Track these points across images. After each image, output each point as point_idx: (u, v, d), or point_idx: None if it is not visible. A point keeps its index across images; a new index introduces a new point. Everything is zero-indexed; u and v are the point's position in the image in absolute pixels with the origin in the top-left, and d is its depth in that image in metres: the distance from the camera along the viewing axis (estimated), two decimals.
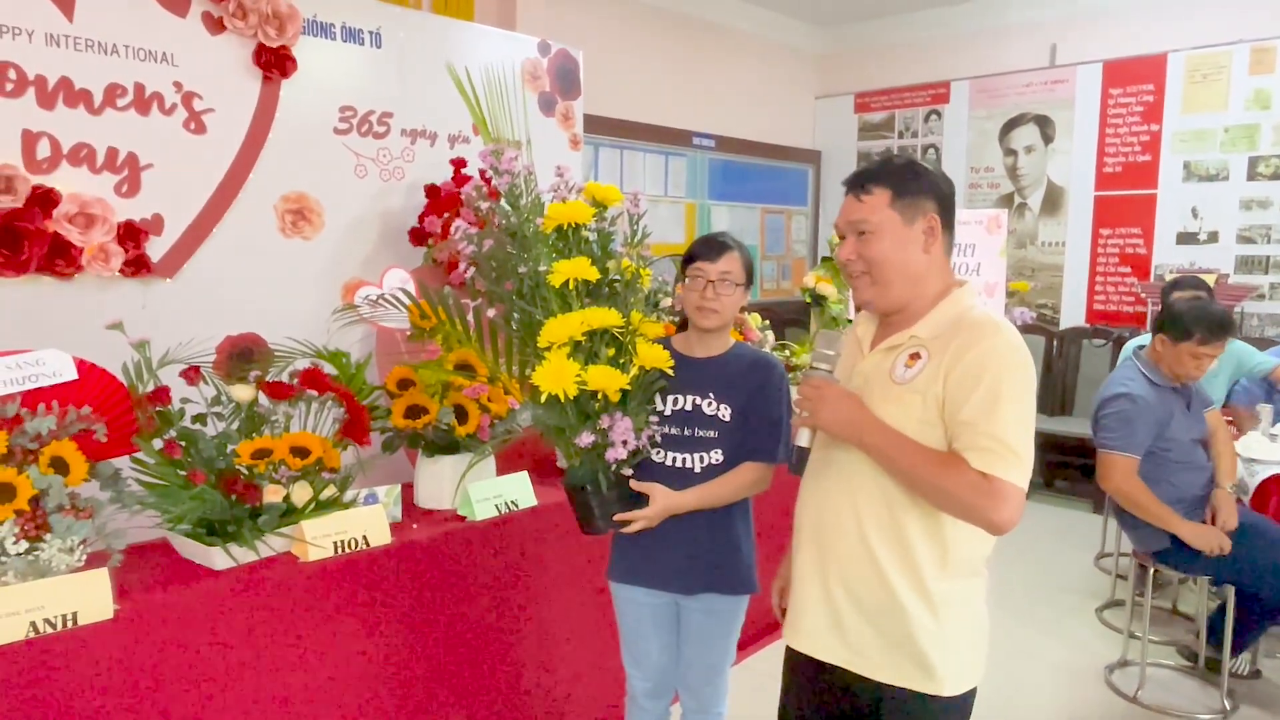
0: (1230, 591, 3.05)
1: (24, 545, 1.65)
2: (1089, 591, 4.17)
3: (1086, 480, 5.71)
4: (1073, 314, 6.18)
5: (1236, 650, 3.16)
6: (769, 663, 3.24)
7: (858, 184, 1.58)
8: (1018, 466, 1.44)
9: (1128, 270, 5.95)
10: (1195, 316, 2.96)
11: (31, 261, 2.22)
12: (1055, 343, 6.07)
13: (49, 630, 1.63)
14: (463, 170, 3.09)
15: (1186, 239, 5.71)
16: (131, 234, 2.43)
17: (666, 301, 2.97)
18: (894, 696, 1.55)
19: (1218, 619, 3.17)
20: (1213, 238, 5.61)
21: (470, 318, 2.37)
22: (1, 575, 1.64)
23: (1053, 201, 6.26)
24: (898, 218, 1.54)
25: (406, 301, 2.37)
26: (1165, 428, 3.00)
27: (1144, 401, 2.97)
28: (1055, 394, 6.02)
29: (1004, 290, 4.35)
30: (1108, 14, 5.99)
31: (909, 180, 1.55)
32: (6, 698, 1.55)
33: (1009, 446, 1.43)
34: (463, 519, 2.37)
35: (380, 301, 2.43)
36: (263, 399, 2.10)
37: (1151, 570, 3.17)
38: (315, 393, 2.14)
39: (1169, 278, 4.94)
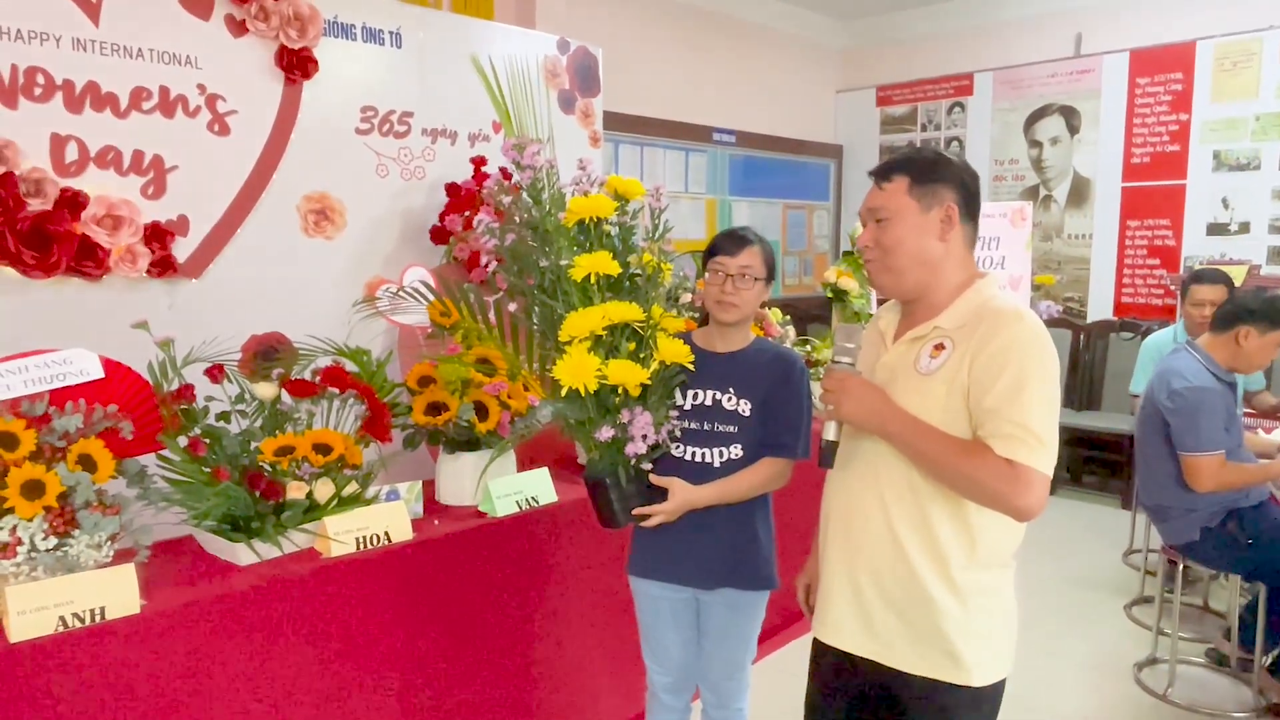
0: (1261, 587, 2.99)
1: (53, 541, 1.68)
2: (1118, 588, 4.12)
3: (1115, 475, 5.64)
4: (1100, 307, 6.10)
5: (1269, 647, 3.10)
6: (790, 658, 3.24)
7: (880, 173, 1.60)
8: (1042, 452, 1.43)
9: (1156, 262, 5.85)
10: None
11: (60, 263, 2.26)
12: (1082, 336, 5.99)
13: (77, 624, 1.65)
14: (483, 169, 3.10)
15: (1217, 230, 5.61)
16: (158, 235, 2.46)
17: (686, 297, 2.97)
18: (922, 687, 1.55)
19: (1249, 615, 3.12)
20: (1244, 229, 5.51)
21: (491, 313, 2.38)
22: (31, 570, 1.67)
23: (1079, 193, 6.17)
24: (915, 205, 1.55)
25: (427, 295, 2.38)
26: (1231, 420, 2.96)
27: (1216, 395, 2.92)
28: (1083, 388, 5.95)
29: (1029, 284, 4.30)
30: (1134, 2, 5.90)
31: (928, 169, 1.56)
32: (36, 690, 1.58)
33: (1033, 433, 1.43)
34: (484, 515, 2.38)
35: (399, 295, 2.44)
36: (286, 397, 2.12)
37: (1181, 566, 3.12)
38: (337, 390, 2.16)
39: (1197, 269, 4.86)
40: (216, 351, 2.10)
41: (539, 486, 2.50)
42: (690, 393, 1.98)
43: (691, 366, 1.92)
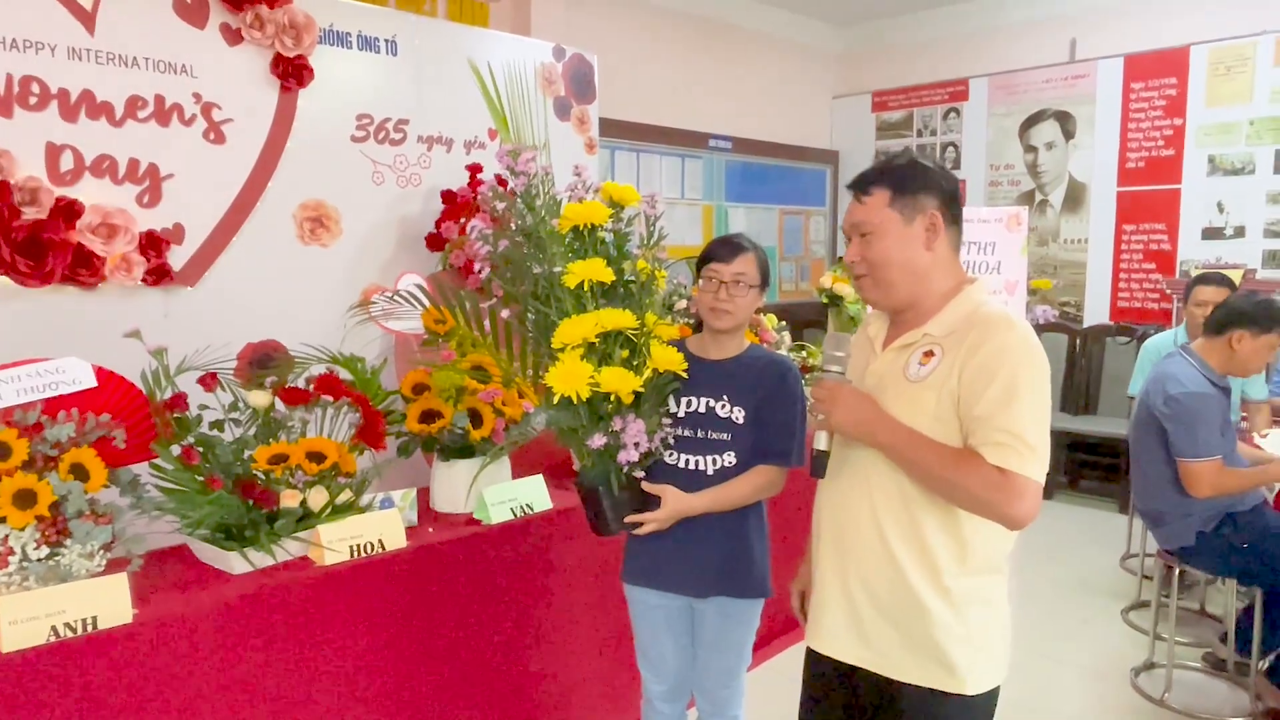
0: (1257, 591, 2.99)
1: (45, 550, 1.68)
2: (1114, 593, 4.12)
3: (1111, 480, 5.64)
4: (1096, 312, 6.11)
5: (1266, 651, 3.10)
6: (786, 666, 3.23)
7: (859, 186, 1.60)
8: (1033, 460, 1.43)
9: (1152, 266, 5.87)
10: (1276, 309, 2.95)
11: (56, 272, 2.26)
12: (1079, 341, 5.99)
13: (69, 634, 1.65)
14: (478, 176, 3.11)
15: (1212, 234, 5.62)
16: (153, 243, 2.46)
17: (682, 304, 2.97)
18: (916, 695, 1.55)
19: (1246, 619, 3.12)
20: (1239, 232, 5.53)
21: (486, 320, 2.38)
22: (23, 580, 1.67)
23: (1074, 198, 6.19)
24: (897, 217, 1.54)
25: (422, 301, 2.38)
26: (1225, 425, 2.96)
27: (1212, 401, 2.92)
28: (1079, 393, 5.95)
29: (1025, 289, 4.31)
30: (1128, 7, 5.92)
31: (908, 179, 1.55)
32: (28, 700, 1.58)
33: (1024, 441, 1.43)
34: (478, 523, 2.38)
35: (394, 299, 2.45)
36: (279, 405, 2.12)
37: (1178, 571, 3.12)
38: (331, 398, 2.16)
39: (1194, 273, 4.87)
40: (212, 359, 2.10)
41: (534, 494, 2.50)
42: (684, 400, 1.98)
43: (684, 374, 1.92)
